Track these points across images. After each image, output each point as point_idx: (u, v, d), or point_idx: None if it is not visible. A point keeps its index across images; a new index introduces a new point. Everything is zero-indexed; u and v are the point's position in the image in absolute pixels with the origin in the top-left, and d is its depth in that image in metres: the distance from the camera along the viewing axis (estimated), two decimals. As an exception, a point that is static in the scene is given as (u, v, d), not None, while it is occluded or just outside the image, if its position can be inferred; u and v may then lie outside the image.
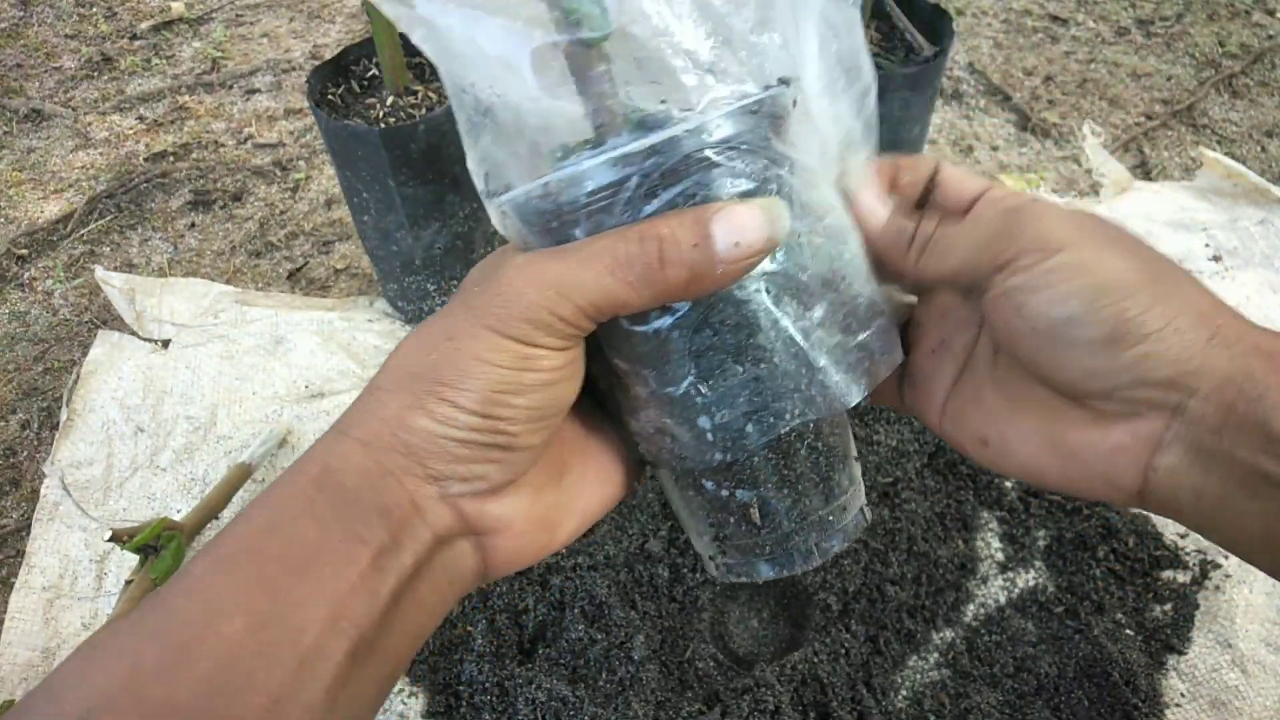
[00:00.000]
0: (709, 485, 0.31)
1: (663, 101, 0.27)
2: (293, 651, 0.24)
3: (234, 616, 0.24)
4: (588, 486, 0.32)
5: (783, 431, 0.29)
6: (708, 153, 0.26)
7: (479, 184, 0.29)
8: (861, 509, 0.34)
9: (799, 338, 0.29)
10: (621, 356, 0.29)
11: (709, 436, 0.29)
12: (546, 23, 0.26)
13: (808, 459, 0.31)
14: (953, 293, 0.33)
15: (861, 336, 0.31)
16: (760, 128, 0.27)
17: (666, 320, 0.28)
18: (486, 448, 0.27)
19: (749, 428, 0.29)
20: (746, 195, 0.27)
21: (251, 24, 1.53)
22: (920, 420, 0.34)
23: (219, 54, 1.46)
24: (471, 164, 0.29)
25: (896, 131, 0.93)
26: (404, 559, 0.27)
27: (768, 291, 0.28)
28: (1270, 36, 1.41)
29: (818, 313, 0.29)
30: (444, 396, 0.26)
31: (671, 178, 0.26)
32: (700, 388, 0.29)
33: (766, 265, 0.28)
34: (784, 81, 0.28)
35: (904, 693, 0.68)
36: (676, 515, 0.34)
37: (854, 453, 0.34)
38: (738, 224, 0.26)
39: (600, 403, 0.33)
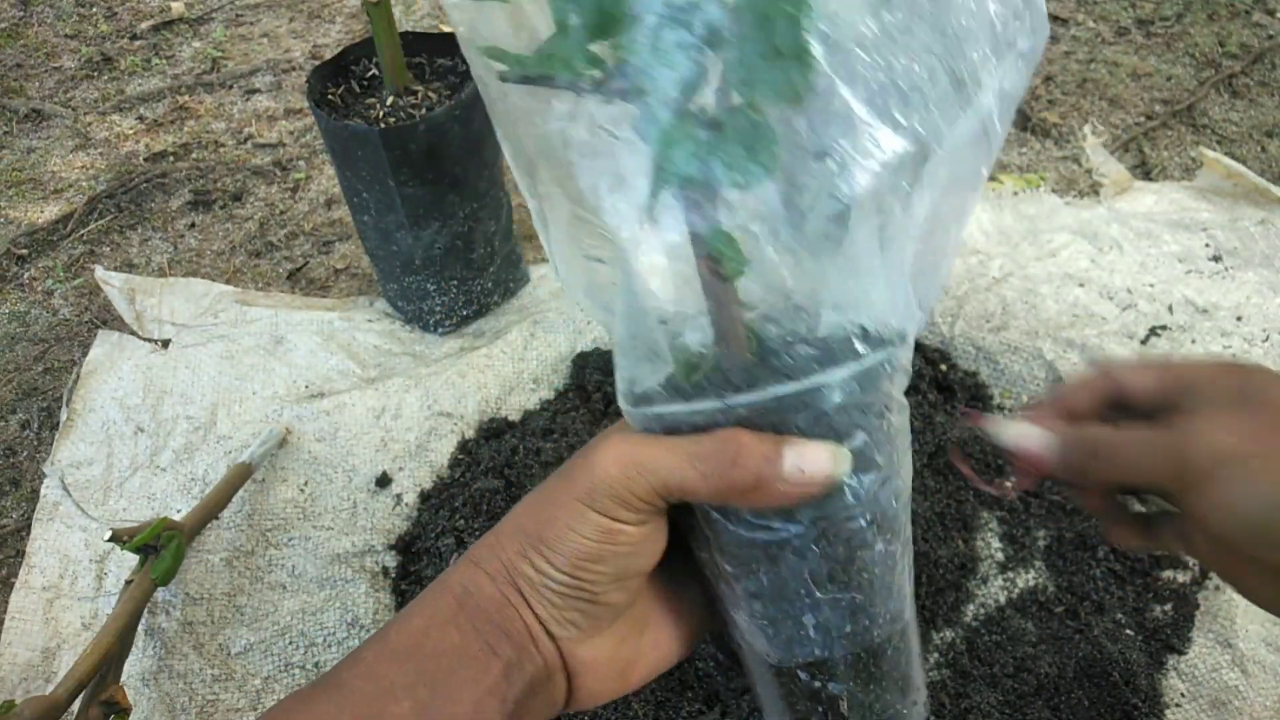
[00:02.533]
0: (803, 676, 0.34)
1: (788, 341, 0.30)
2: None
3: (403, 700, 0.30)
4: (662, 642, 0.36)
5: (875, 637, 0.34)
6: (820, 405, 0.30)
7: (623, 389, 0.33)
8: (925, 702, 0.38)
9: (890, 560, 0.33)
10: (733, 559, 0.33)
11: (811, 634, 0.33)
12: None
13: (892, 659, 0.35)
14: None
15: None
16: (874, 383, 0.31)
17: (786, 533, 0.32)
18: (575, 600, 0.32)
19: (848, 628, 0.33)
20: (838, 439, 0.31)
21: (251, 24, 1.53)
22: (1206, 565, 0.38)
23: (219, 54, 1.46)
24: (621, 373, 0.33)
25: (896, 131, 0.93)
26: (524, 675, 0.32)
27: (868, 520, 0.32)
28: (1270, 36, 1.41)
29: (898, 541, 0.34)
30: (543, 554, 0.31)
31: (779, 418, 0.30)
32: (808, 594, 0.32)
33: (874, 499, 0.32)
34: (903, 339, 0.32)
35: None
36: (759, 700, 0.38)
37: (920, 653, 0.38)
38: (807, 457, 0.30)
39: (673, 568, 0.36)
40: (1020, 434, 0.35)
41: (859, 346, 0.30)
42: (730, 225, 0.29)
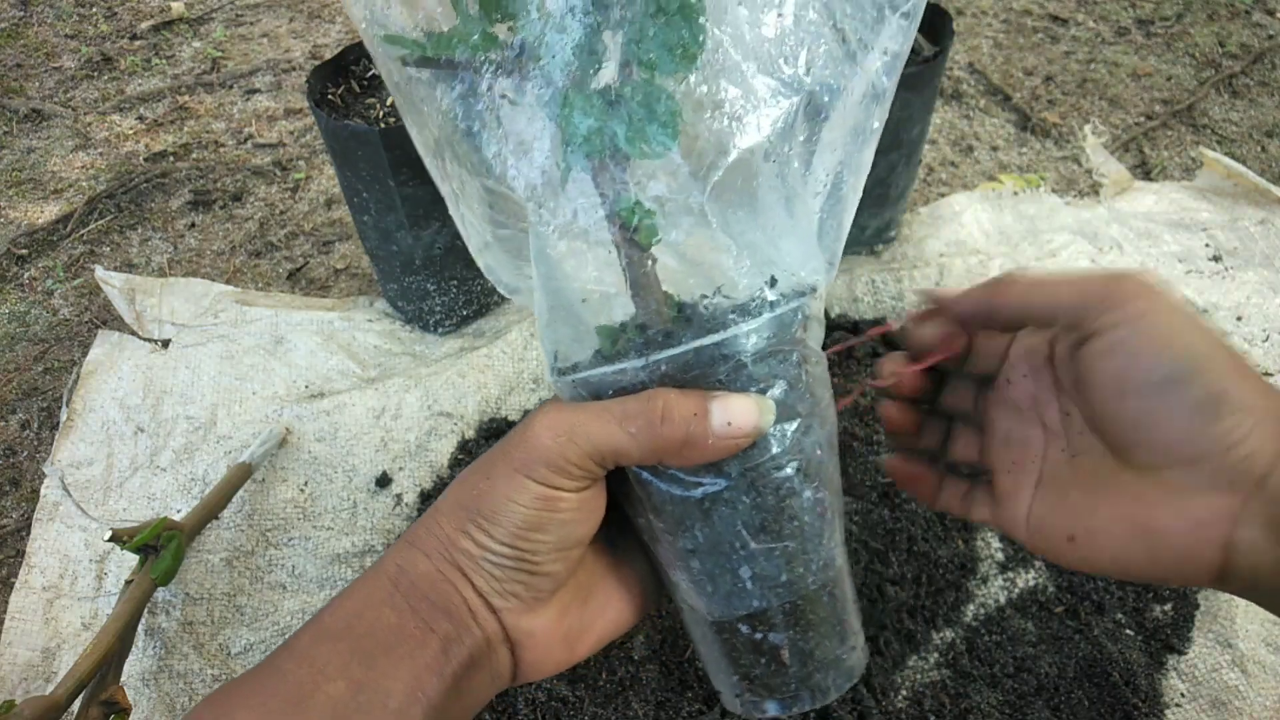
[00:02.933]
0: (744, 629, 0.35)
1: (704, 296, 0.32)
2: (383, 712, 0.30)
3: (337, 680, 0.30)
4: (608, 611, 0.36)
5: (810, 584, 0.34)
6: (738, 357, 0.31)
7: (549, 361, 0.34)
8: (863, 647, 0.38)
9: (819, 507, 0.34)
10: (667, 518, 0.33)
11: (749, 586, 0.34)
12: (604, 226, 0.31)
13: (829, 605, 0.35)
14: (1015, 411, 0.36)
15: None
16: (788, 332, 0.32)
17: (715, 487, 0.32)
18: (516, 571, 0.32)
19: (784, 576, 0.34)
20: (760, 390, 0.32)
21: (251, 24, 1.53)
22: (1009, 534, 0.37)
23: (219, 54, 1.46)
24: (546, 345, 0.34)
25: (896, 132, 0.93)
26: (463, 650, 0.32)
27: (795, 468, 0.33)
28: (1270, 36, 1.41)
29: (825, 488, 0.34)
30: (482, 527, 0.32)
31: (700, 372, 0.31)
32: (743, 546, 0.33)
33: (799, 447, 0.33)
34: (814, 290, 0.33)
35: (904, 693, 0.68)
36: (703, 662, 0.38)
37: (855, 599, 0.39)
38: (733, 409, 0.31)
39: (615, 538, 0.37)
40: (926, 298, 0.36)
41: (770, 296, 0.31)
42: (641, 194, 0.30)
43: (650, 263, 0.31)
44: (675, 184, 0.30)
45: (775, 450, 0.32)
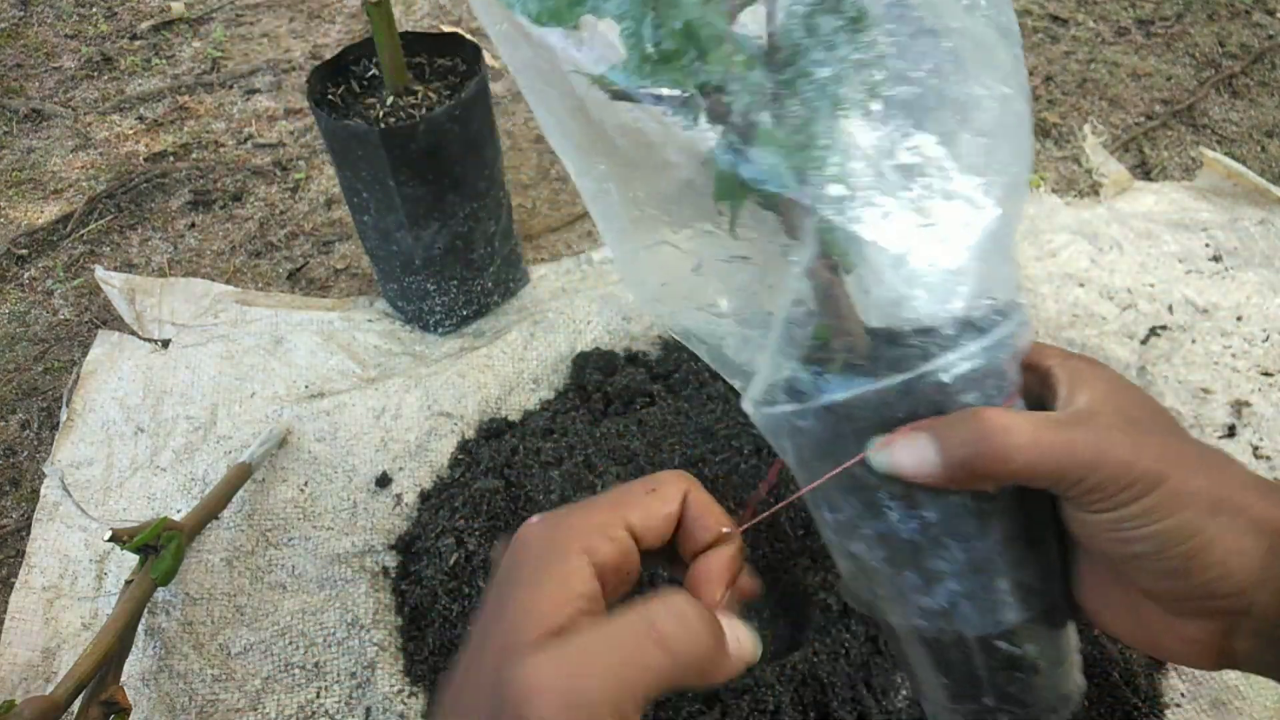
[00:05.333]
0: (1002, 645, 0.34)
1: (909, 335, 0.30)
2: None
3: None
4: None
5: (1055, 591, 0.34)
6: (951, 387, 0.30)
7: (755, 394, 0.33)
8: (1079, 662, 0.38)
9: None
10: (921, 539, 0.32)
11: (1009, 597, 0.33)
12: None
13: (1064, 612, 0.35)
14: None
15: None
16: (997, 360, 0.31)
17: (983, 503, 0.32)
18: None
19: (1038, 585, 0.33)
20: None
21: (251, 24, 1.53)
22: None
23: (219, 54, 1.46)
24: (761, 378, 0.33)
25: (896, 131, 0.93)
26: None
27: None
28: (1270, 36, 1.41)
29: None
30: None
31: (915, 403, 0.30)
32: (1001, 557, 0.32)
33: None
34: (1022, 318, 0.32)
35: (904, 693, 0.68)
36: (939, 702, 0.37)
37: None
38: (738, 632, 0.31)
39: None
40: (893, 450, 0.31)
41: (994, 317, 0.31)
42: (841, 219, 0.29)
43: (846, 289, 0.30)
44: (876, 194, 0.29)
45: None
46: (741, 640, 0.30)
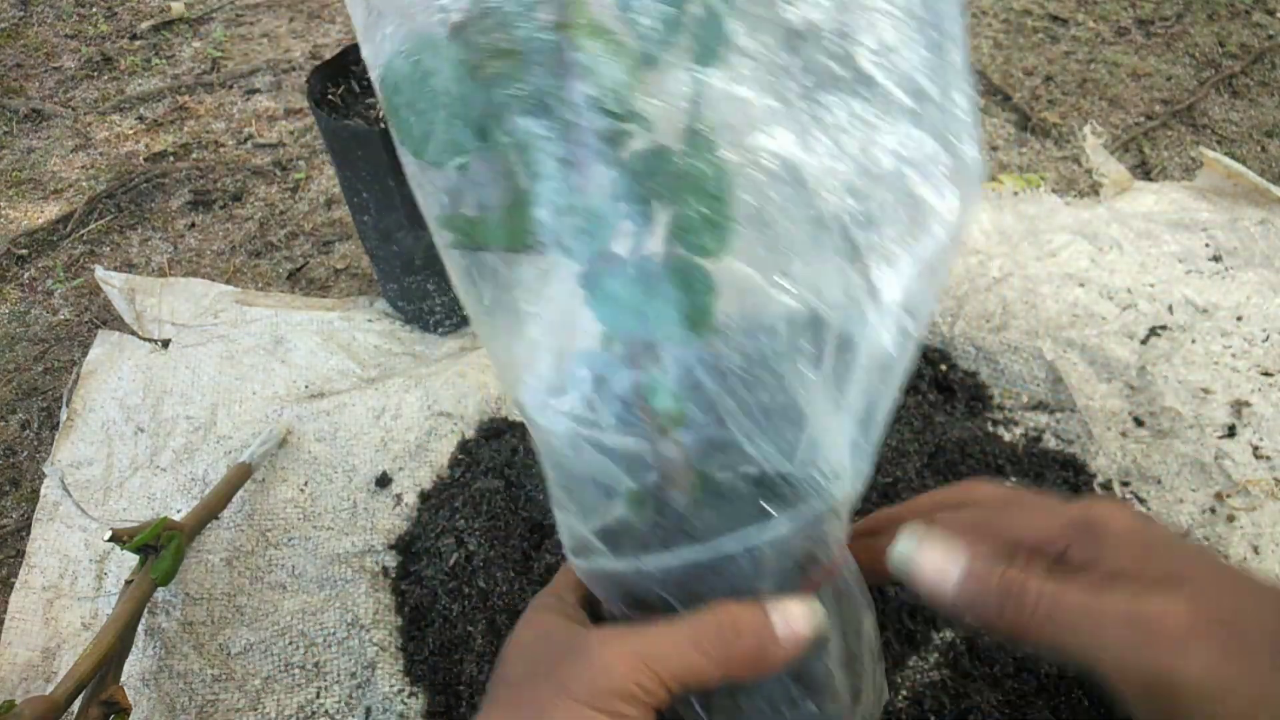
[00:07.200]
0: None
1: (737, 488, 0.31)
2: None
3: None
4: None
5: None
6: (765, 557, 0.31)
7: (570, 544, 0.33)
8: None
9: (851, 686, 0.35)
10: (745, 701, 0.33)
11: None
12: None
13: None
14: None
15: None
16: (816, 532, 0.31)
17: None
18: None
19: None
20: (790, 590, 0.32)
21: (251, 24, 1.53)
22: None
23: (219, 54, 1.46)
24: (565, 531, 0.34)
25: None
26: None
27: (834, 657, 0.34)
28: (1270, 36, 1.41)
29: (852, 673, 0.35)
30: None
31: (730, 571, 0.31)
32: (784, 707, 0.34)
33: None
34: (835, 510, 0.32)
35: (904, 693, 0.68)
36: None
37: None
38: (791, 615, 0.31)
39: None
40: (919, 553, 0.32)
41: (817, 486, 0.30)
42: (666, 378, 0.29)
43: (677, 446, 0.30)
44: (707, 366, 0.29)
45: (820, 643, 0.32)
46: (791, 619, 0.30)
